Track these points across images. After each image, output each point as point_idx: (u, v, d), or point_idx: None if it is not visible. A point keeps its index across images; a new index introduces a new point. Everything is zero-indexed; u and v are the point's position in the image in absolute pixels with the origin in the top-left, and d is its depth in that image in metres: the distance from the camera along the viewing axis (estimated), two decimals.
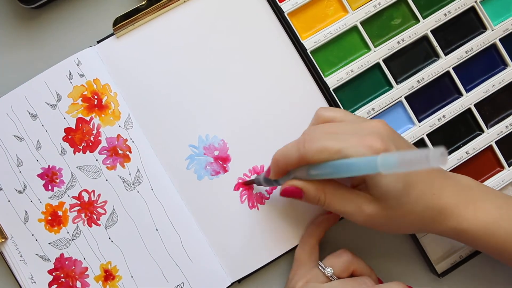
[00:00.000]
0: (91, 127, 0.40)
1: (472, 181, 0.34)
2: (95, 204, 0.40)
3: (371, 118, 0.40)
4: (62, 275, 0.39)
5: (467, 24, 0.41)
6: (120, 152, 0.40)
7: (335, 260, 0.36)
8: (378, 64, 0.41)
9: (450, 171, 0.40)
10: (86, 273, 0.39)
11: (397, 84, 0.41)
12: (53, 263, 0.39)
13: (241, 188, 0.40)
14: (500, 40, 0.41)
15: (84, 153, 0.40)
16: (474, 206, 0.32)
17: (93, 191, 0.40)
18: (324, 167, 0.31)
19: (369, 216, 0.32)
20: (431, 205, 0.32)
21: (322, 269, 0.36)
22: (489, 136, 0.41)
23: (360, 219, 0.32)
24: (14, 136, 0.40)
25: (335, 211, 0.33)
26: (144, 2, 0.40)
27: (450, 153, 0.41)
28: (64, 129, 0.40)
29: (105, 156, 0.40)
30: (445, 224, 0.32)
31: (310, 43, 0.40)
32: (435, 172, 0.33)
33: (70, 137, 0.40)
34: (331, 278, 0.35)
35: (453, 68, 0.41)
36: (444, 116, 0.41)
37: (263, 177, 0.37)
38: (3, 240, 0.39)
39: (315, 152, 0.30)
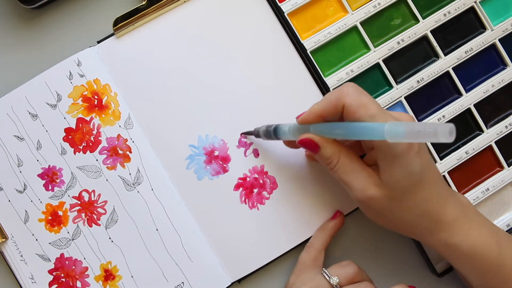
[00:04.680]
0: (91, 127, 0.40)
1: (470, 203, 0.35)
2: (95, 204, 0.40)
3: None
4: (62, 274, 0.39)
5: (466, 24, 0.41)
6: (120, 152, 0.40)
7: (341, 270, 0.36)
8: (378, 64, 0.41)
9: (450, 171, 0.40)
10: (86, 273, 0.39)
11: (397, 84, 0.41)
12: (53, 263, 0.39)
13: (241, 188, 0.40)
14: (499, 40, 0.41)
15: (84, 153, 0.40)
16: (470, 225, 0.33)
17: (93, 191, 0.40)
18: (336, 126, 0.31)
19: (370, 198, 0.32)
20: (432, 211, 0.32)
21: (327, 277, 0.36)
22: (489, 136, 0.41)
23: (361, 197, 0.32)
24: (15, 136, 0.40)
25: (340, 179, 0.33)
26: (144, 2, 0.40)
27: (449, 153, 0.41)
28: (64, 129, 0.40)
29: (105, 156, 0.40)
30: (438, 235, 0.33)
31: (310, 43, 0.40)
32: (443, 183, 0.33)
33: (70, 137, 0.40)
34: (335, 287, 0.35)
35: (453, 68, 0.41)
36: (444, 116, 0.41)
37: (264, 129, 0.37)
38: (3, 240, 0.39)
39: (355, 105, 0.30)
